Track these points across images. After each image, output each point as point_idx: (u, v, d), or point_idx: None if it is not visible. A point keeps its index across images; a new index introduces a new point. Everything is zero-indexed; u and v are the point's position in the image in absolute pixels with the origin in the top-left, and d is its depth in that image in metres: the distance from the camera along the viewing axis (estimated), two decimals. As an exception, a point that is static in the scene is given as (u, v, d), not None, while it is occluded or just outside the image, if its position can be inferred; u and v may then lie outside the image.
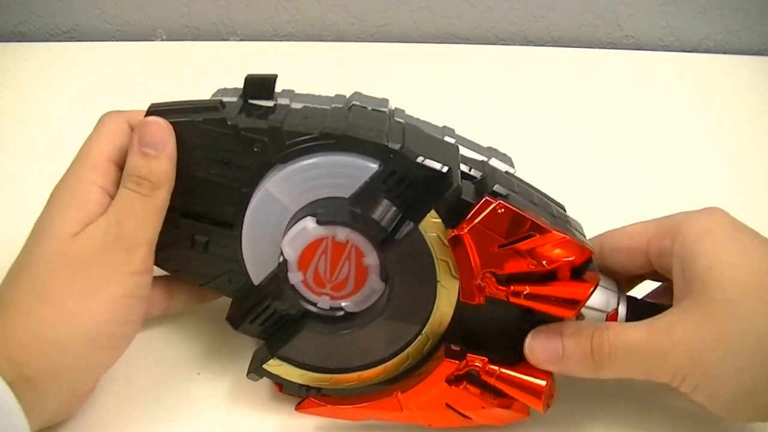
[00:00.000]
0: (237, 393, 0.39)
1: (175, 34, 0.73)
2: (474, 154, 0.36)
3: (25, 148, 0.56)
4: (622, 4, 0.72)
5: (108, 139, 0.36)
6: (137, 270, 0.34)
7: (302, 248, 0.34)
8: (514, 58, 0.71)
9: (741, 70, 0.70)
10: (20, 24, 0.71)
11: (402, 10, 0.72)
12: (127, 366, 0.39)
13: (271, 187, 0.35)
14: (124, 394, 0.38)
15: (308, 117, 0.35)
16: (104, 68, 0.67)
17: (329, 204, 0.34)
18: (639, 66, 0.70)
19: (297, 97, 0.36)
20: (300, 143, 0.34)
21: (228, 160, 0.35)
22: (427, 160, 0.33)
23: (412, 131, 0.35)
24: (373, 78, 0.66)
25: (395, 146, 0.33)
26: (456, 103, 0.63)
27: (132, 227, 0.34)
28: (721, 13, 0.72)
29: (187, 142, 0.35)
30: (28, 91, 0.63)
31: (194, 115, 0.35)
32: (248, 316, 0.37)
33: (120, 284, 0.33)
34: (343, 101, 0.36)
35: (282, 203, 0.35)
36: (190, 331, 0.41)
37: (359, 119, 0.34)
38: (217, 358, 0.40)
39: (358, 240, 0.34)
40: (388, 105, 0.37)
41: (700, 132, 0.62)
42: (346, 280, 0.35)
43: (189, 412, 0.38)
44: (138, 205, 0.34)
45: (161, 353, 0.40)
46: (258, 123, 0.34)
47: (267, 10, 0.72)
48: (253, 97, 0.35)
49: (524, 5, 0.72)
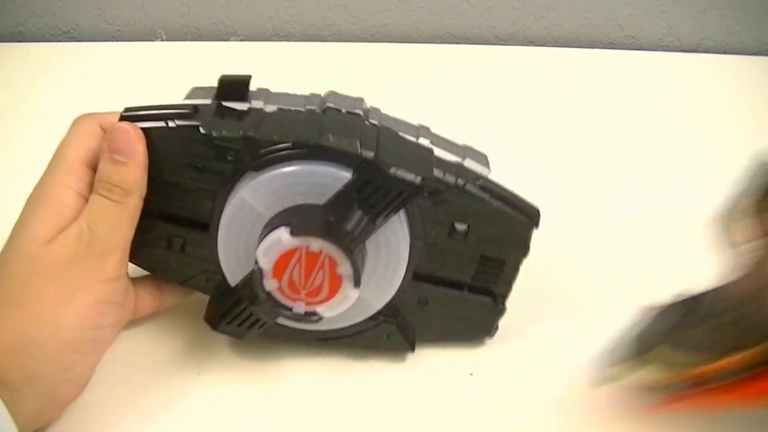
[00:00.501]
0: (237, 393, 0.39)
1: (175, 34, 0.73)
2: (449, 155, 0.37)
3: (25, 148, 0.56)
4: (622, 4, 0.72)
5: (81, 141, 0.36)
6: (110, 276, 0.34)
7: (276, 258, 0.34)
8: (514, 58, 0.71)
9: (741, 70, 0.70)
10: (20, 24, 0.71)
11: (402, 10, 0.72)
12: (126, 366, 0.39)
13: (245, 194, 0.35)
14: (124, 394, 0.38)
15: (282, 123, 0.35)
16: (104, 68, 0.67)
17: (304, 211, 0.34)
18: (639, 66, 0.70)
19: (271, 98, 0.36)
20: (274, 152, 0.34)
21: (202, 166, 0.35)
22: (400, 171, 0.33)
23: (386, 136, 0.35)
24: (373, 78, 0.66)
25: (369, 155, 0.34)
26: (456, 104, 0.63)
27: (104, 234, 0.34)
28: (721, 13, 0.72)
29: (160, 148, 0.35)
30: (28, 91, 0.63)
31: (167, 121, 0.35)
32: (226, 317, 0.37)
33: (93, 290, 0.33)
34: (317, 102, 0.37)
35: (256, 210, 0.35)
36: (190, 331, 0.41)
37: (333, 125, 0.35)
38: (217, 358, 0.40)
39: (331, 249, 0.34)
40: (363, 105, 0.37)
41: (700, 132, 0.61)
42: (320, 287, 0.35)
43: (189, 412, 0.38)
44: (110, 212, 0.34)
45: (161, 353, 0.40)
46: (231, 132, 0.34)
47: (267, 10, 0.72)
48: (227, 99, 0.35)
49: (524, 5, 0.72)
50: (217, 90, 0.35)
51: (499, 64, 0.70)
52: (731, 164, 0.58)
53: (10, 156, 0.55)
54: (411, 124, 0.38)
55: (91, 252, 0.33)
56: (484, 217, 0.36)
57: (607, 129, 0.61)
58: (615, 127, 0.62)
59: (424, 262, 0.38)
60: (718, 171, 0.57)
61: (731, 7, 0.72)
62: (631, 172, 0.56)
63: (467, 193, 0.35)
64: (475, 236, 0.37)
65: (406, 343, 0.39)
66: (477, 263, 0.38)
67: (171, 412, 0.37)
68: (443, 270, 0.38)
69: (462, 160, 0.37)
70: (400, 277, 0.37)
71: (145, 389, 0.38)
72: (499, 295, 0.39)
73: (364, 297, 0.37)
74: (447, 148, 0.37)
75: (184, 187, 0.36)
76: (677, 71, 0.70)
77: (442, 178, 0.35)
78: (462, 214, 0.36)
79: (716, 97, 0.66)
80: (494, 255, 0.38)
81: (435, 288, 0.38)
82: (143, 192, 0.35)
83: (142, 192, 0.35)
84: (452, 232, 0.37)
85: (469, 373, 0.40)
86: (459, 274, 0.38)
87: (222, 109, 0.35)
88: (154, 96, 0.36)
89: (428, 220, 0.36)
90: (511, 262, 0.38)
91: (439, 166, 0.35)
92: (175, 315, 0.41)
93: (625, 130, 0.61)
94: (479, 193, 0.36)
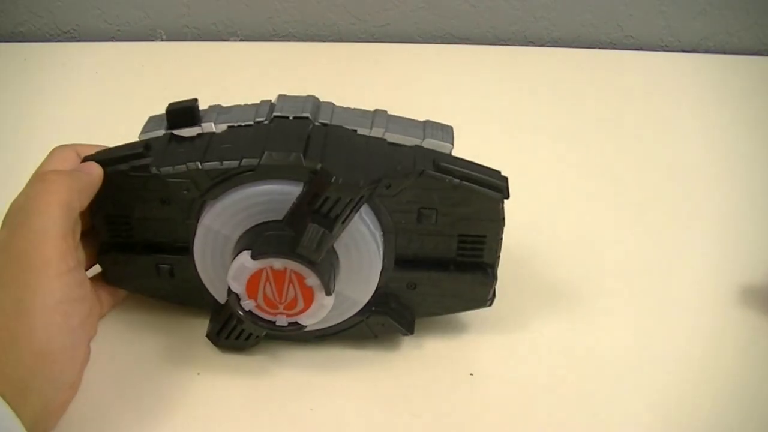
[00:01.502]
0: (237, 393, 0.38)
1: (175, 34, 0.73)
2: (407, 138, 0.36)
3: (25, 148, 0.56)
4: (622, 4, 0.72)
5: (57, 165, 0.37)
6: (60, 270, 0.33)
7: (245, 281, 0.35)
8: (514, 58, 0.71)
9: (741, 70, 0.70)
10: (20, 24, 0.71)
11: (402, 10, 0.72)
12: (126, 366, 0.39)
13: (208, 221, 0.36)
14: (124, 395, 0.38)
15: (230, 144, 0.35)
16: (104, 68, 0.67)
17: (267, 229, 0.35)
18: (639, 66, 0.70)
19: (222, 115, 0.37)
20: (224, 178, 0.35)
21: (166, 199, 0.37)
22: (347, 177, 0.33)
23: (335, 138, 0.36)
24: (373, 78, 0.66)
25: (314, 166, 0.34)
26: (456, 104, 0.63)
27: (35, 227, 0.33)
28: (721, 13, 0.72)
29: (124, 188, 0.37)
30: (28, 91, 0.63)
31: (122, 165, 0.36)
32: (222, 333, 0.39)
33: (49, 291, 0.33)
34: (266, 111, 0.37)
35: (222, 233, 0.36)
36: (190, 331, 0.41)
37: (278, 138, 0.35)
38: (217, 358, 0.40)
39: (293, 265, 0.34)
40: (312, 105, 0.37)
41: (700, 132, 0.61)
42: (295, 300, 0.36)
43: (189, 412, 0.38)
44: (39, 192, 0.34)
45: (161, 353, 0.40)
46: (178, 168, 0.35)
47: (267, 10, 0.72)
48: (178, 126, 0.36)
49: (524, 5, 0.72)
50: (167, 120, 0.36)
51: (499, 64, 0.70)
52: (731, 164, 0.58)
53: (10, 156, 0.55)
54: (365, 112, 0.38)
55: (31, 244, 0.33)
56: (449, 198, 0.36)
57: (606, 129, 0.61)
58: (615, 127, 0.61)
59: (402, 249, 0.38)
60: (718, 171, 0.57)
61: (731, 7, 0.72)
62: (631, 171, 0.56)
63: (427, 177, 0.35)
64: (446, 218, 0.37)
65: (402, 328, 0.39)
66: (457, 242, 0.38)
67: (171, 412, 0.37)
68: (424, 253, 0.38)
69: (421, 141, 0.36)
70: (377, 271, 0.37)
71: (145, 389, 0.38)
72: (488, 265, 0.38)
73: (348, 294, 0.37)
74: (404, 131, 0.37)
75: (156, 218, 0.37)
76: (677, 71, 0.70)
77: (398, 169, 0.35)
78: (427, 199, 0.36)
79: (716, 97, 0.66)
80: (471, 232, 0.37)
81: (421, 272, 0.38)
82: (80, 198, 0.35)
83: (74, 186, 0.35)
84: (421, 218, 0.36)
85: (469, 373, 0.40)
86: (442, 254, 0.38)
87: (173, 138, 0.36)
88: (155, 96, 0.37)
89: (395, 210, 0.36)
90: (490, 235, 0.37)
91: (394, 156, 0.35)
92: (175, 315, 0.41)
93: (625, 130, 0.61)
94: (439, 175, 0.35)
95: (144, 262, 0.39)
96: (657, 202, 0.53)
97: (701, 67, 0.70)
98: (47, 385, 0.33)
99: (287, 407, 0.38)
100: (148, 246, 0.38)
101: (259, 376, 0.39)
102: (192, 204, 0.36)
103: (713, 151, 0.59)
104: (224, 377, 0.39)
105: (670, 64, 0.71)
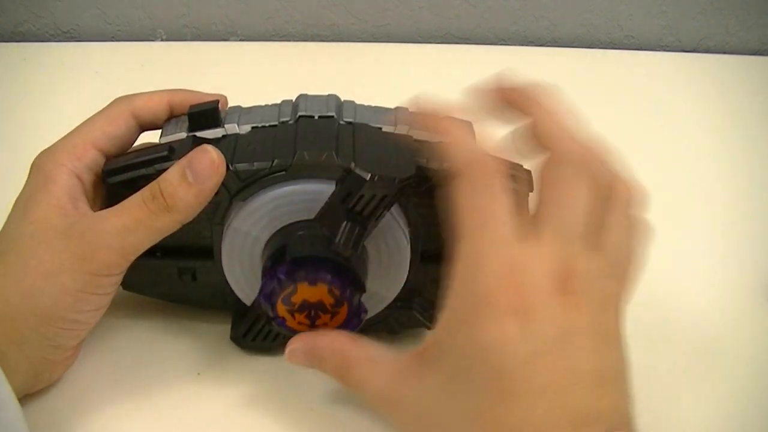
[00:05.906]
0: (237, 393, 0.38)
1: (175, 34, 0.73)
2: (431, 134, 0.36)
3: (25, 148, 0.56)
4: (622, 4, 0.72)
5: (100, 125, 0.37)
6: (96, 271, 0.33)
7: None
8: (514, 58, 0.71)
9: (741, 70, 0.70)
10: (20, 24, 0.71)
11: (402, 10, 0.72)
12: (126, 365, 0.39)
13: (237, 223, 0.35)
14: (124, 394, 0.38)
15: (257, 145, 0.35)
16: (104, 68, 0.67)
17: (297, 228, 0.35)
18: (639, 66, 0.70)
19: (244, 116, 0.37)
20: (254, 179, 0.34)
21: None
22: (381, 175, 0.33)
23: (363, 135, 0.35)
24: (374, 78, 0.66)
25: (347, 165, 0.34)
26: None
27: (110, 228, 0.33)
28: (721, 13, 0.72)
29: None
30: (28, 91, 0.63)
31: (147, 169, 0.35)
32: (249, 335, 0.39)
33: (78, 279, 0.33)
34: (290, 111, 0.37)
35: (252, 234, 0.36)
36: (191, 330, 0.41)
37: (307, 137, 0.35)
38: (217, 358, 0.40)
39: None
40: (335, 104, 0.37)
41: (699, 132, 0.61)
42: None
43: (189, 412, 0.38)
44: (135, 215, 0.33)
45: (161, 353, 0.40)
46: None
47: (267, 10, 0.72)
48: (200, 129, 0.36)
49: (524, 5, 0.72)
50: (189, 122, 0.36)
51: (499, 64, 0.70)
52: (731, 164, 0.58)
53: (10, 156, 0.55)
54: (388, 110, 0.38)
55: (83, 239, 0.33)
56: None
57: (606, 129, 0.61)
58: (615, 127, 0.61)
59: (428, 244, 0.37)
60: (718, 171, 0.57)
61: (731, 7, 0.72)
62: (630, 171, 0.56)
63: None
64: None
65: (426, 322, 0.39)
66: None
67: (171, 412, 0.37)
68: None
69: None
70: (405, 267, 0.37)
71: (145, 389, 0.38)
72: None
73: (376, 291, 0.37)
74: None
75: None
76: (677, 71, 0.70)
77: (426, 165, 0.35)
78: None
79: (716, 97, 0.66)
80: None
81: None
82: (182, 221, 0.34)
83: (180, 219, 0.34)
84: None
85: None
86: None
87: (197, 141, 0.35)
88: (155, 96, 0.36)
89: (423, 206, 0.36)
90: None
91: (421, 152, 0.35)
92: (175, 315, 0.41)
93: (624, 130, 0.61)
94: None
95: (166, 267, 0.38)
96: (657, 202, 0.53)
97: (701, 67, 0.70)
98: (44, 342, 0.34)
99: (288, 407, 0.38)
100: (169, 250, 0.38)
101: (259, 376, 0.39)
102: (218, 206, 0.36)
103: (713, 151, 0.59)
104: (224, 377, 0.39)
105: (670, 64, 0.71)
